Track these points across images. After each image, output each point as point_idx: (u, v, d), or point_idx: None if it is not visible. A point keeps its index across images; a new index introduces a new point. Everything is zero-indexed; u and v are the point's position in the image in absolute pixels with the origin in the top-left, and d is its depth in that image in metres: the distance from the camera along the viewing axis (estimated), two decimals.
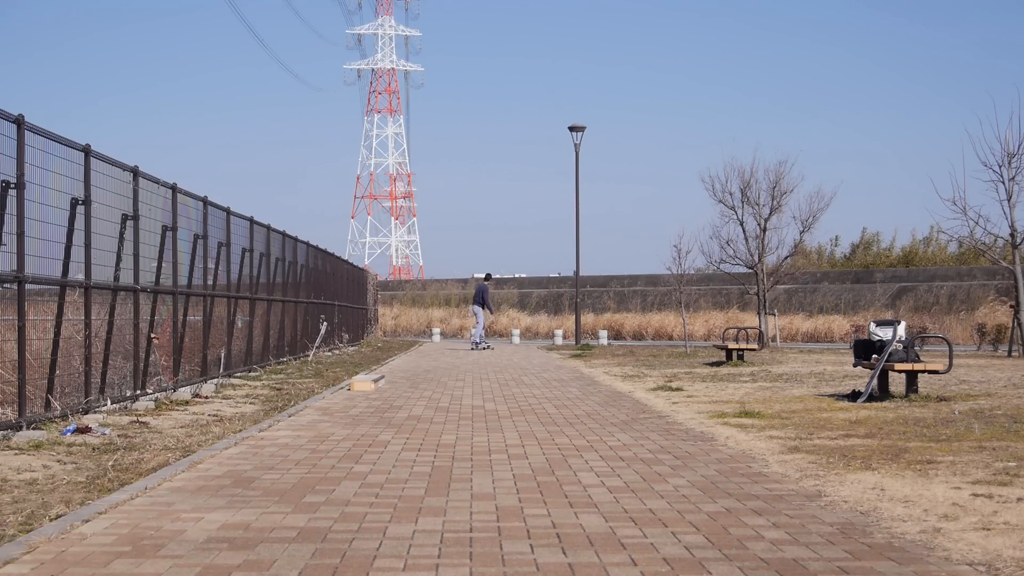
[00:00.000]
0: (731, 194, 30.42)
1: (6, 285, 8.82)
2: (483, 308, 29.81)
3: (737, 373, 17.41)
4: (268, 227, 19.12)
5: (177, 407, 11.32)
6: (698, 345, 32.32)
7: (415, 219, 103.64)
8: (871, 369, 12.27)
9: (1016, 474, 6.63)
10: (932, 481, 6.43)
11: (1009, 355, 23.70)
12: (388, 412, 10.93)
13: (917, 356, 12.44)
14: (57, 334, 9.61)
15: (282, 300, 20.55)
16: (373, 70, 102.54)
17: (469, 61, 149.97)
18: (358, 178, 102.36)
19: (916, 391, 12.02)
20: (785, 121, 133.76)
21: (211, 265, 15.15)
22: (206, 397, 12.59)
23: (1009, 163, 23.11)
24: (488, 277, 31.77)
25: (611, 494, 6.07)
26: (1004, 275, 28.60)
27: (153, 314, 12.33)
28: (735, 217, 30.37)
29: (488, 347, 29.51)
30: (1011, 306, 24.91)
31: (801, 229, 30.89)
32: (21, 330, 8.74)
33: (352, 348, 28.99)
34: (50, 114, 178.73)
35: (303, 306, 23.00)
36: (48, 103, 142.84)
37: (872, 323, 12.78)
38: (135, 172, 11.71)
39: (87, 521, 5.28)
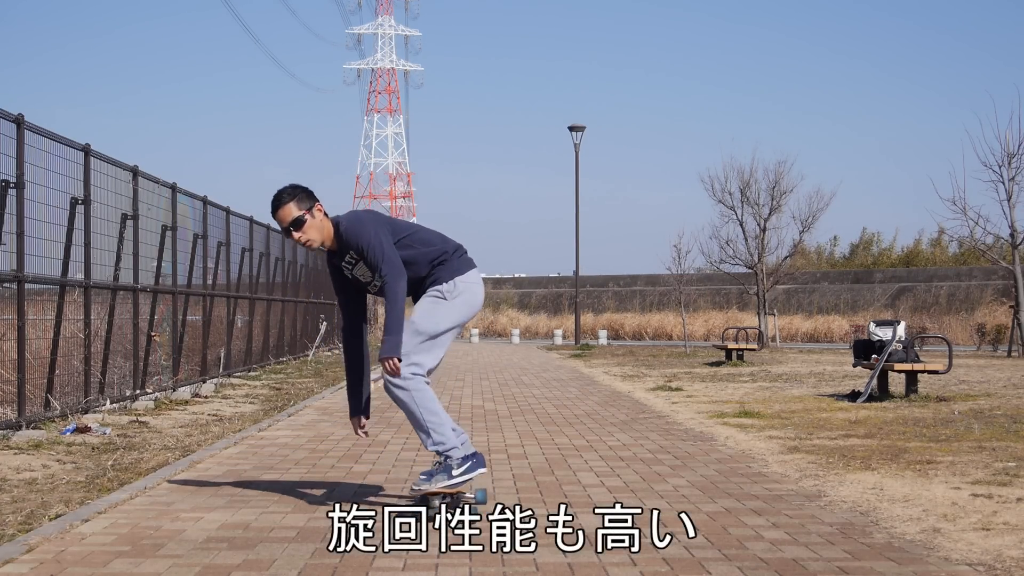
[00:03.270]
0: (731, 194, 30.47)
1: (6, 284, 8.82)
2: None
3: (737, 373, 17.41)
4: (267, 227, 19.12)
5: (177, 407, 11.32)
6: (698, 345, 32.33)
7: (415, 219, 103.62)
8: (871, 369, 12.27)
9: (1016, 474, 6.63)
10: (932, 481, 6.43)
11: (1009, 355, 23.71)
12: (388, 411, 10.92)
13: (917, 356, 12.44)
14: (57, 333, 9.61)
15: (282, 300, 20.55)
16: (373, 70, 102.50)
17: (469, 61, 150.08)
18: (358, 178, 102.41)
19: (916, 391, 12.01)
20: (785, 121, 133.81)
21: (211, 265, 15.16)
22: (206, 397, 12.59)
23: (1009, 163, 23.15)
24: None
25: (611, 494, 6.07)
26: (1004, 275, 28.60)
27: (153, 313, 12.34)
28: (735, 217, 30.42)
29: None
30: (1011, 306, 24.91)
31: (801, 229, 30.95)
32: (21, 330, 8.75)
33: None
34: (50, 114, 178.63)
35: (303, 306, 23.00)
36: (48, 103, 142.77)
37: (872, 323, 12.77)
38: (135, 172, 11.72)
39: (86, 521, 5.27)
